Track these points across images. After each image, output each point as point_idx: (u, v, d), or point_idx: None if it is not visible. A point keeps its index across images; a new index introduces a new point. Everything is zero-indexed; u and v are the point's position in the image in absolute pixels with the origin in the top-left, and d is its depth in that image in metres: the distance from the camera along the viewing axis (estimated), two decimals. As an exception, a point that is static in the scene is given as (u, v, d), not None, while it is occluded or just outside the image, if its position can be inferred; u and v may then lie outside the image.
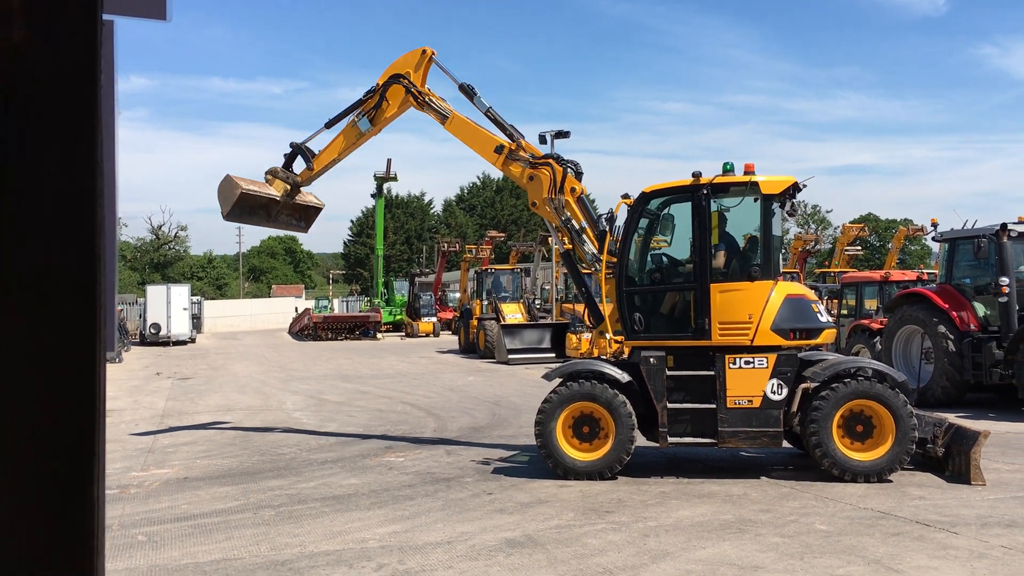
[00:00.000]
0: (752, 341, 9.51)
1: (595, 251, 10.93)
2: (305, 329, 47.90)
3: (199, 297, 61.06)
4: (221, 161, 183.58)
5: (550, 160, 11.40)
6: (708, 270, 9.78)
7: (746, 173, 9.88)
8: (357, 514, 8.29)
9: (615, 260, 10.40)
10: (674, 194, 10.17)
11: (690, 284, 9.94)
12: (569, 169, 11.25)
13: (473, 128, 11.97)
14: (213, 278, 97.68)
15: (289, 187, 12.89)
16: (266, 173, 12.87)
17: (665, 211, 10.27)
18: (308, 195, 13.56)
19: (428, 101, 12.23)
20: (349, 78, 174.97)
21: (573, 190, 11.17)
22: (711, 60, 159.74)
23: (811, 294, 10.25)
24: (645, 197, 10.26)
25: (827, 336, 10.00)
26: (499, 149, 11.67)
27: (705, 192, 9.80)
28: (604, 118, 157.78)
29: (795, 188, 10.03)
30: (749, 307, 9.59)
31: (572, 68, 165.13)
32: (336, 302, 75.23)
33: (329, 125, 12.74)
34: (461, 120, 12.05)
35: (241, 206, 12.54)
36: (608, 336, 10.68)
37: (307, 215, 13.67)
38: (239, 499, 9.10)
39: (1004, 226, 15.04)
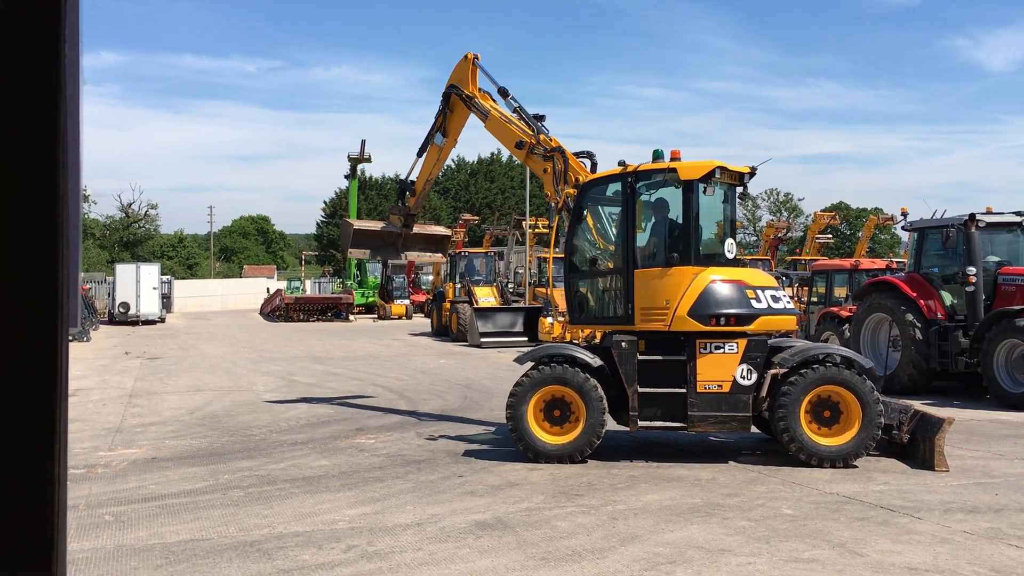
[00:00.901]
0: (669, 327, 9.62)
1: None
2: (277, 310, 47.62)
3: (169, 276, 60.43)
4: (194, 139, 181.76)
5: (554, 153, 11.38)
6: (632, 256, 10.02)
7: (672, 160, 10.05)
8: (327, 495, 8.28)
9: None
10: (606, 183, 10.49)
11: (618, 270, 10.19)
12: (583, 160, 11.26)
13: (504, 125, 12.17)
14: (184, 257, 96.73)
15: (403, 217, 13.98)
16: (387, 213, 14.40)
17: (601, 200, 10.64)
18: (435, 227, 15.87)
19: (475, 103, 12.56)
20: (324, 58, 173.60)
21: (577, 181, 11.15)
22: (687, 46, 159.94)
23: (755, 279, 9.92)
24: (584, 187, 10.63)
25: (773, 323, 9.74)
26: (520, 144, 11.78)
27: (630, 180, 10.09)
28: (581, 103, 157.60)
29: (739, 174, 10.16)
30: (667, 293, 9.70)
31: (549, 52, 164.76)
32: (308, 283, 74.76)
33: (420, 153, 13.59)
34: (495, 118, 12.28)
35: (357, 242, 14.01)
36: (555, 320, 11.23)
37: (439, 244, 15.12)
38: (208, 480, 9.05)
39: (972, 216, 15.22)
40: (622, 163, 10.28)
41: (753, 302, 9.58)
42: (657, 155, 10.22)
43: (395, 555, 6.36)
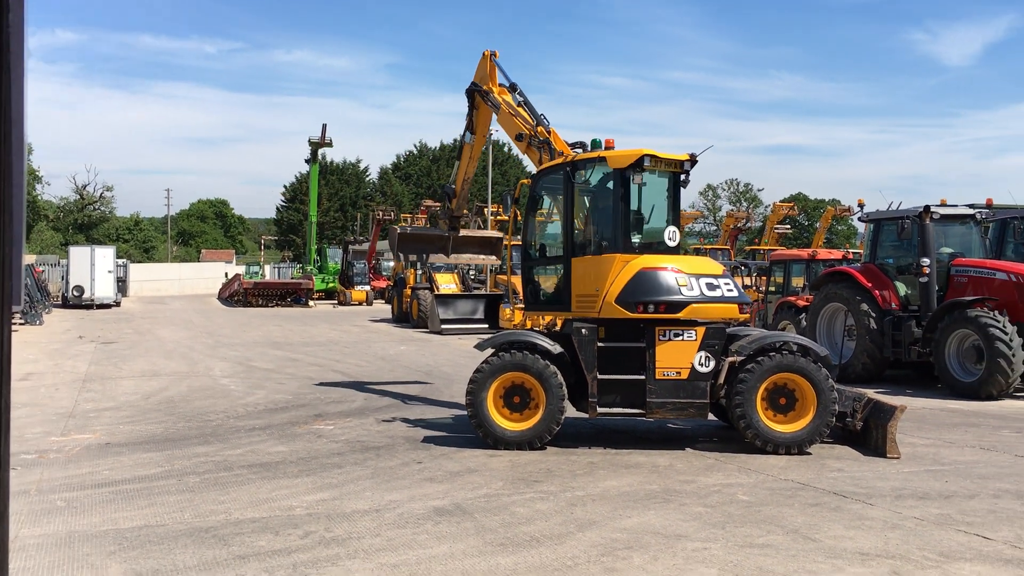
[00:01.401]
0: (599, 313, 9.78)
1: None
2: (235, 295, 47.14)
3: (125, 260, 59.57)
4: (151, 121, 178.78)
5: (543, 144, 11.43)
6: (571, 244, 10.28)
7: (606, 149, 10.24)
8: (284, 481, 8.22)
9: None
10: (552, 173, 10.70)
11: (559, 258, 10.49)
12: (577, 151, 11.16)
13: (509, 117, 12.27)
14: (140, 241, 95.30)
15: (448, 220, 14.31)
16: (436, 218, 15.07)
17: (551, 189, 10.84)
18: (487, 230, 16.01)
19: (490, 98, 12.67)
20: (286, 40, 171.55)
21: None
22: (651, 36, 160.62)
23: (691, 267, 9.84)
24: (536, 177, 10.96)
25: (705, 311, 9.61)
26: (520, 136, 11.87)
27: (567, 170, 10.32)
28: (544, 90, 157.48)
29: (679, 162, 10.21)
30: (597, 280, 9.88)
31: (513, 39, 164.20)
32: (268, 268, 74.12)
33: (458, 156, 14.08)
34: (503, 111, 12.39)
35: (404, 247, 14.35)
36: (515, 308, 11.54)
37: (492, 246, 15.33)
38: (163, 465, 8.94)
39: (927, 208, 15.48)
40: (596, 144, 10.51)
41: (684, 290, 9.57)
42: (594, 144, 10.42)
43: (353, 541, 6.34)
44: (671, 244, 10.11)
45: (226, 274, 60.39)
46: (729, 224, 46.60)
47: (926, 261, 15.26)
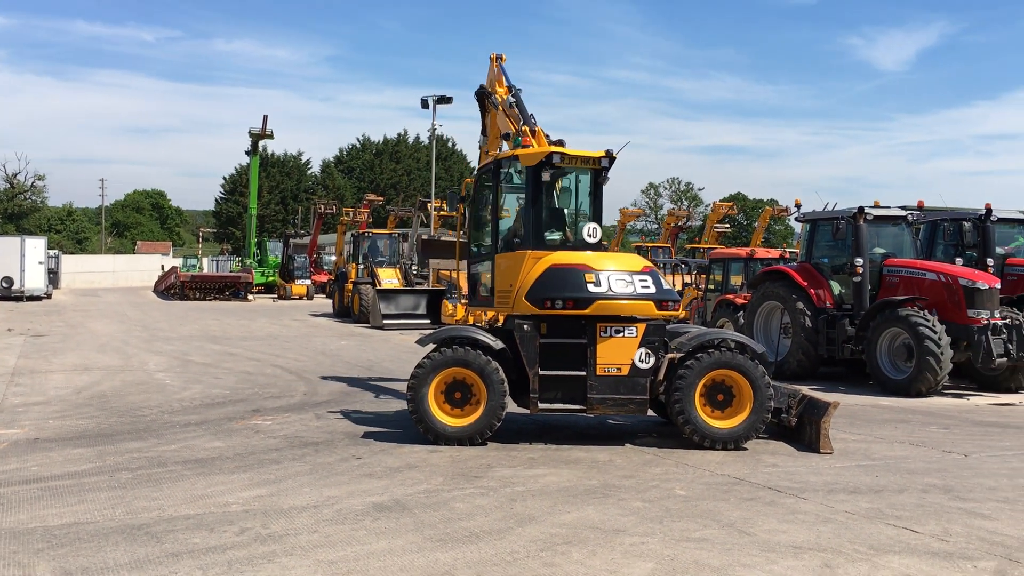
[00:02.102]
0: (512, 309, 9.93)
1: None
2: (171, 288, 46.33)
3: (56, 251, 58.10)
4: (85, 109, 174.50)
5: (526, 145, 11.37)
6: (496, 241, 10.51)
7: (523, 147, 10.42)
8: (220, 477, 8.08)
9: None
10: (485, 171, 10.97)
11: (489, 255, 10.67)
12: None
13: (504, 118, 12.27)
14: (72, 231, 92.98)
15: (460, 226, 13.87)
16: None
17: (487, 187, 10.92)
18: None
19: (492, 99, 12.69)
20: (226, 29, 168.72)
21: None
22: (595, 34, 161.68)
23: (603, 263, 9.77)
24: (477, 175, 11.23)
25: (613, 307, 9.57)
26: (506, 136, 11.76)
27: (493, 168, 10.58)
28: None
29: (597, 159, 10.25)
30: (512, 277, 10.03)
31: (459, 34, 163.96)
32: (206, 261, 72.95)
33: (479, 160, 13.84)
34: (500, 112, 12.43)
35: (428, 252, 14.75)
36: (458, 303, 11.53)
37: None
38: (94, 461, 8.73)
39: (861, 209, 15.84)
40: (560, 145, 10.59)
41: (590, 286, 9.59)
42: (516, 143, 10.46)
43: (290, 537, 6.26)
44: (591, 241, 10.11)
45: (162, 267, 59.28)
46: (670, 222, 47.12)
47: (859, 261, 15.61)
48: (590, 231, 10.14)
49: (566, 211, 10.55)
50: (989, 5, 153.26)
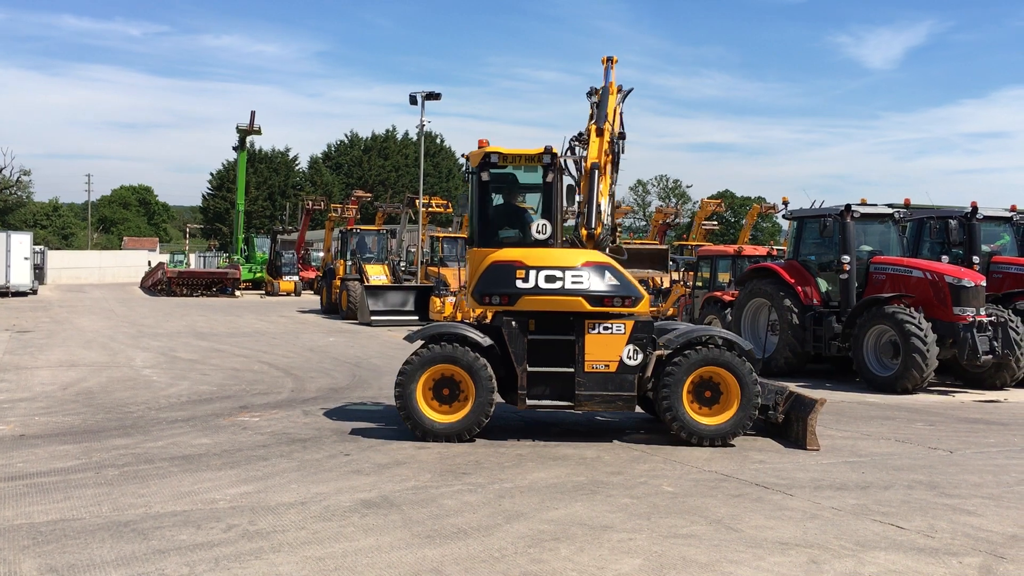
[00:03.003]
0: (469, 304, 10.37)
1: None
2: (159, 284, 46.13)
3: (42, 247, 57.76)
4: (73, 104, 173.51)
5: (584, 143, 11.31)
6: (473, 238, 10.57)
7: (479, 148, 10.39)
8: (207, 474, 8.06)
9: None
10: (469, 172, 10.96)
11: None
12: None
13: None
14: (59, 227, 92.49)
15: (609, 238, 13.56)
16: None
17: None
18: (650, 243, 14.70)
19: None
20: (214, 24, 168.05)
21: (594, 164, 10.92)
22: (586, 31, 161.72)
23: (539, 260, 9.77)
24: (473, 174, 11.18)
25: (539, 303, 9.67)
26: (599, 132, 11.32)
27: (465, 168, 10.65)
28: (478, 82, 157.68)
29: (539, 156, 10.21)
30: (470, 273, 10.33)
31: (449, 30, 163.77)
32: (193, 257, 72.68)
33: None
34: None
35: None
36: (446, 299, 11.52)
37: (658, 260, 13.26)
38: (80, 458, 8.69)
39: (848, 207, 15.90)
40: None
41: (519, 282, 9.69)
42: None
43: (277, 534, 6.25)
44: (541, 238, 10.08)
45: (149, 262, 59.08)
46: (658, 220, 47.16)
47: (846, 258, 15.68)
48: (539, 228, 10.12)
49: (530, 208, 10.58)
50: (977, 4, 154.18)
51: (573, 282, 9.66)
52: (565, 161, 10.47)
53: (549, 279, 9.67)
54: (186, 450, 9.11)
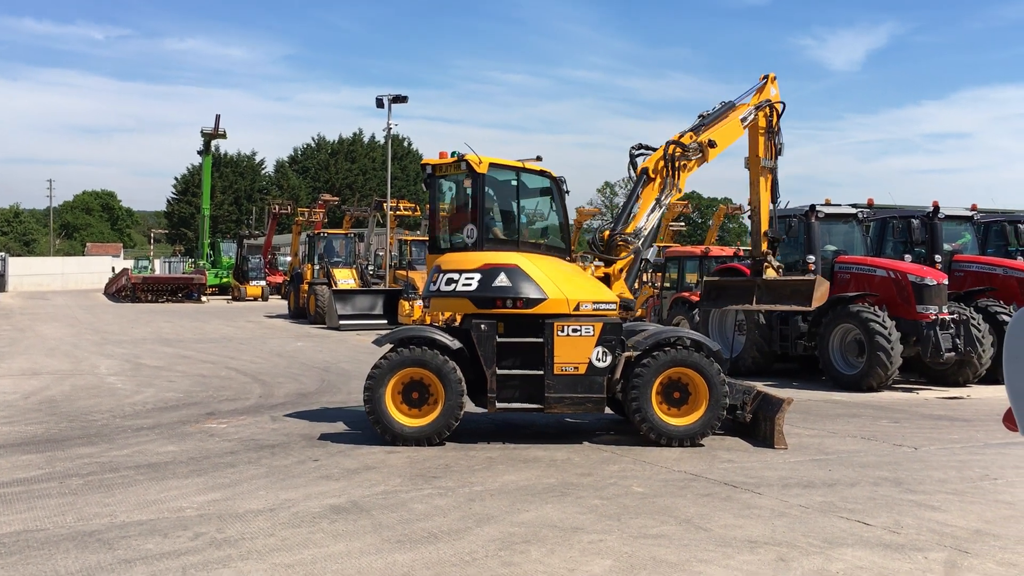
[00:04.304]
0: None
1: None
2: (123, 290, 45.60)
3: (3, 253, 56.89)
4: (33, 109, 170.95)
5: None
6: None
7: (438, 159, 10.57)
8: (174, 482, 7.96)
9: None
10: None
11: None
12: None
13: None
14: (19, 233, 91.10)
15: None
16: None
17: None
18: (799, 276, 14.15)
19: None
20: (178, 28, 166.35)
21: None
22: (552, 34, 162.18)
23: (453, 264, 10.01)
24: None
25: (440, 304, 10.31)
26: (671, 143, 11.54)
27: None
28: (444, 85, 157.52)
29: (460, 164, 10.30)
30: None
31: (414, 32, 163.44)
32: (157, 263, 71.94)
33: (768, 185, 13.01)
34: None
35: (710, 297, 13.74)
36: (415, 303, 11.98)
37: (807, 294, 12.73)
38: (44, 467, 8.55)
39: (813, 207, 16.07)
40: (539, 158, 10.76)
41: (431, 285, 10.21)
42: (454, 154, 10.59)
43: (246, 542, 6.19)
44: (469, 242, 10.20)
45: (113, 268, 58.33)
46: (626, 221, 47.22)
47: (811, 258, 15.84)
48: (468, 233, 10.22)
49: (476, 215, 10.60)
50: (937, 6, 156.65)
51: (464, 284, 9.89)
52: (630, 165, 11.28)
53: (448, 282, 10.01)
54: (152, 458, 8.99)
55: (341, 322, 26.73)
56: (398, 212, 38.13)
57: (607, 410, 10.42)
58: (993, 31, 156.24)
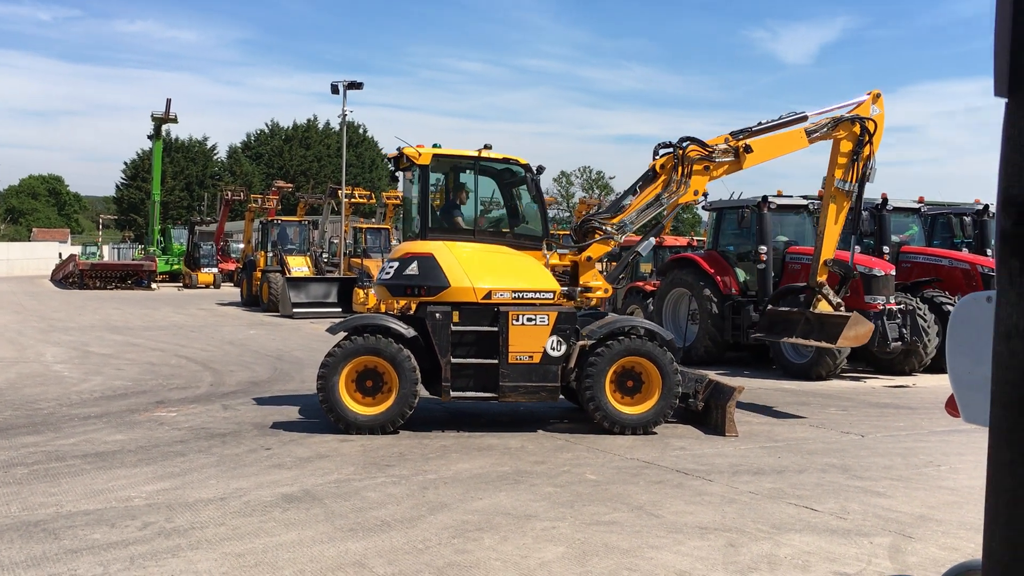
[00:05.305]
0: None
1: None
2: (70, 277, 44.73)
3: (-55, 238, 55.36)
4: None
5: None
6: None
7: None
8: (122, 471, 7.84)
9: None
10: None
11: None
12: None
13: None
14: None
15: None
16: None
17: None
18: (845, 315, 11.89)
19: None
20: (128, 9, 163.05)
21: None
22: (509, 22, 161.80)
23: (392, 253, 10.46)
24: None
25: (377, 292, 10.70)
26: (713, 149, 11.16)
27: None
28: (401, 72, 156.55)
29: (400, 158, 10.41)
30: None
31: (369, 19, 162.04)
32: (106, 249, 70.67)
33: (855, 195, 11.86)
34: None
35: (773, 325, 12.97)
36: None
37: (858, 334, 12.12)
38: (-13, 457, 8.37)
39: (765, 198, 16.26)
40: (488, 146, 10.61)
41: (380, 275, 10.51)
42: (435, 145, 10.60)
43: (195, 531, 6.12)
44: (415, 232, 10.37)
45: (60, 255, 57.20)
46: (581, 211, 47.45)
47: (763, 249, 16.04)
48: (415, 224, 10.36)
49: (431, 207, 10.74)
50: (890, 1, 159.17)
51: (384, 273, 10.24)
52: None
53: (383, 271, 10.41)
54: (99, 447, 8.84)
55: (295, 310, 26.50)
56: (353, 200, 37.86)
57: (561, 398, 10.46)
58: (943, 27, 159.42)
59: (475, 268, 9.86)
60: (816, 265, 11.94)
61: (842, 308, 11.81)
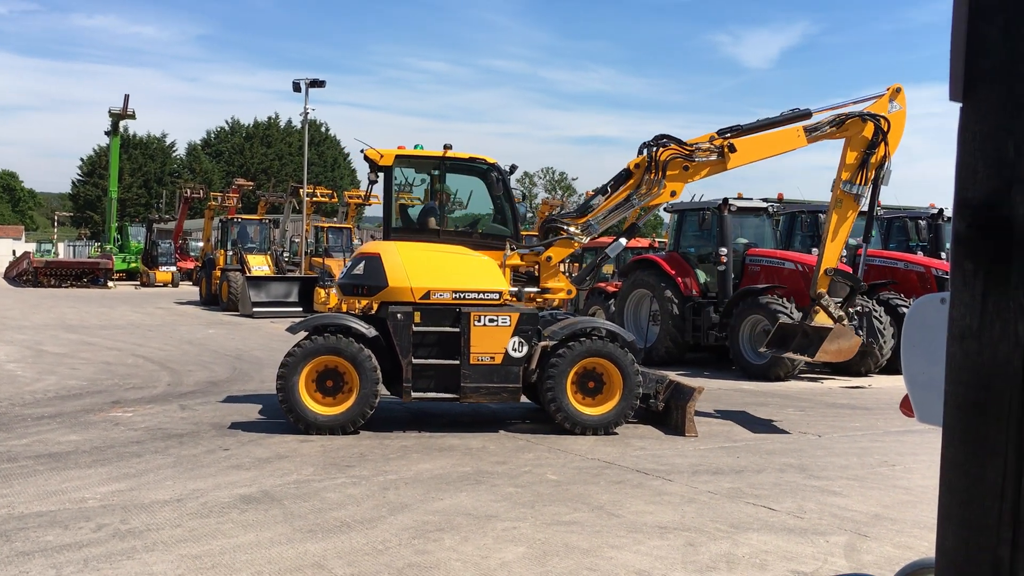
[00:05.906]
0: None
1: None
2: (24, 274, 43.92)
3: None
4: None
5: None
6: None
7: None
8: (76, 472, 7.71)
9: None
10: None
11: None
12: None
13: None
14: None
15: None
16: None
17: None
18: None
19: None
20: (87, 3, 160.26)
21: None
22: (471, 22, 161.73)
23: (373, 251, 10.28)
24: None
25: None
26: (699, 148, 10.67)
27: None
28: (363, 71, 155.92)
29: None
30: None
31: (332, 17, 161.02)
32: (62, 246, 69.50)
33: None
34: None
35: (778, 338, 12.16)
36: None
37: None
38: (-65, 458, 8.18)
39: (726, 201, 16.42)
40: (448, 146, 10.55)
41: (342, 274, 10.62)
42: (417, 147, 10.57)
43: (151, 533, 6.03)
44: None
45: (14, 252, 56.21)
46: (544, 212, 47.57)
47: (724, 251, 16.19)
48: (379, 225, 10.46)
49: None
50: (849, 7, 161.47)
51: (343, 273, 10.40)
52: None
53: (343, 272, 10.59)
54: (53, 447, 8.68)
55: (255, 309, 26.23)
56: (315, 199, 37.58)
57: (523, 399, 10.47)
58: (901, 33, 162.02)
59: (418, 268, 9.84)
60: (817, 275, 11.24)
61: (844, 322, 11.19)
